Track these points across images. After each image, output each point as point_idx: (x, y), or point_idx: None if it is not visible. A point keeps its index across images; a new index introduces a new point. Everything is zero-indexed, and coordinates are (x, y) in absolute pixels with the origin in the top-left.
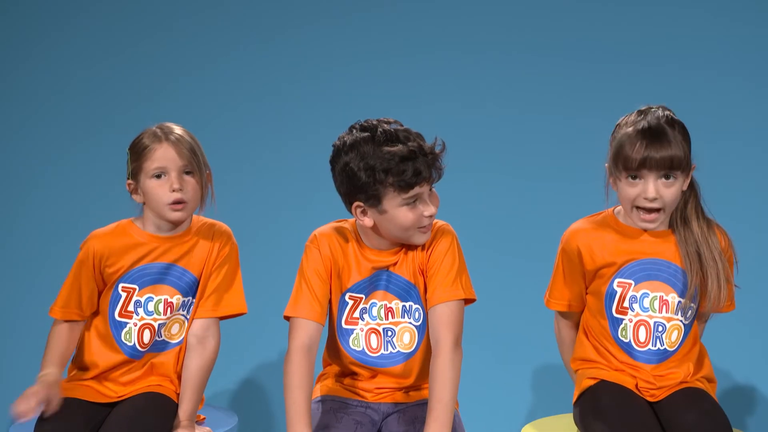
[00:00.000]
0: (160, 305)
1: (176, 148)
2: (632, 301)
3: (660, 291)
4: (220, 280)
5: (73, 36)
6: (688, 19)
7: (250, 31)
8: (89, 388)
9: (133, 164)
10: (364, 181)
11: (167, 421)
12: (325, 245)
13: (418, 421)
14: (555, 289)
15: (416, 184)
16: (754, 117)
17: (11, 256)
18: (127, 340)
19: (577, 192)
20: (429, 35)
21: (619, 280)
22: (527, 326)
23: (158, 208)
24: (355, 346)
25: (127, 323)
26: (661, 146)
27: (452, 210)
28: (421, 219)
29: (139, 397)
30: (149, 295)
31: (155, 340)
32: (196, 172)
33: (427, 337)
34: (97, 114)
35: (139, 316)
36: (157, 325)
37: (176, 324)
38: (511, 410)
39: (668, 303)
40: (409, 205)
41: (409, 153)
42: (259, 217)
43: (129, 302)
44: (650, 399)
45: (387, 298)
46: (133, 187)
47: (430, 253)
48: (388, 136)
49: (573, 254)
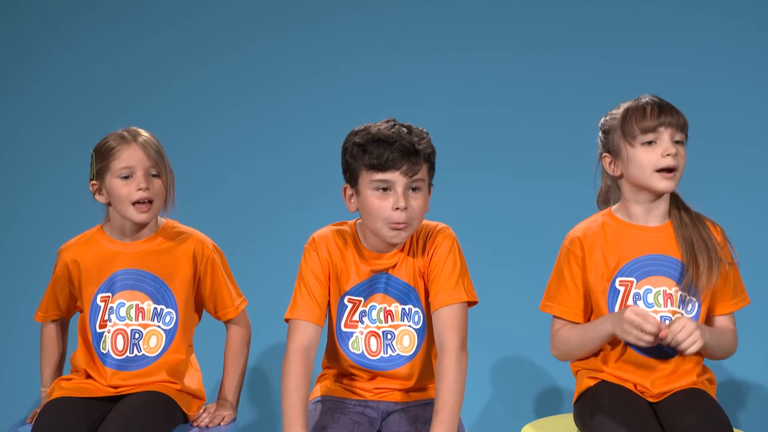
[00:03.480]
0: (131, 310)
1: (144, 150)
2: (636, 299)
3: (662, 285)
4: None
5: (72, 36)
6: (688, 19)
7: (250, 31)
8: (87, 386)
9: (99, 164)
10: (346, 159)
11: (166, 420)
12: (323, 248)
13: (420, 422)
14: (560, 295)
15: (386, 168)
16: (754, 117)
17: (11, 256)
18: (104, 348)
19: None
20: (429, 35)
21: (621, 278)
22: (527, 326)
23: (123, 207)
24: (355, 349)
25: (103, 333)
26: (670, 108)
27: (452, 210)
28: (390, 213)
29: (138, 396)
30: (120, 300)
31: (135, 355)
32: (162, 174)
33: (427, 340)
34: (97, 114)
35: (112, 323)
36: (130, 330)
37: (153, 336)
38: (511, 410)
39: (672, 296)
40: (378, 190)
41: (386, 136)
42: (258, 217)
43: (105, 311)
44: (651, 400)
45: (386, 301)
46: (97, 187)
47: (431, 257)
48: (379, 125)
49: (578, 258)
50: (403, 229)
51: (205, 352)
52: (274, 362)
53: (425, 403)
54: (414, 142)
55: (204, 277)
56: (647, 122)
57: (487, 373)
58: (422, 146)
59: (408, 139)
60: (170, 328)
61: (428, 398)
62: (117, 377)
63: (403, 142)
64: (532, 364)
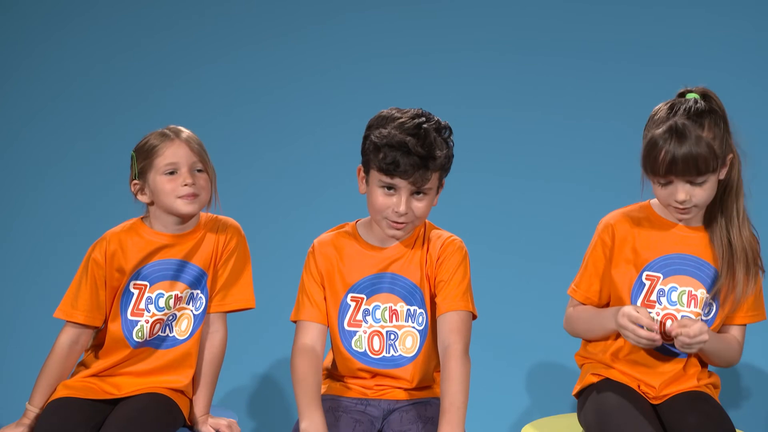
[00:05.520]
0: (171, 301)
1: (188, 145)
2: (660, 295)
3: (689, 286)
4: (228, 275)
5: (73, 36)
6: (689, 18)
7: (251, 31)
8: (91, 386)
9: (142, 163)
10: (365, 148)
11: (167, 422)
12: (320, 254)
13: (422, 420)
14: (583, 280)
15: (395, 175)
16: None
17: (11, 256)
18: (139, 337)
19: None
20: (429, 36)
21: (648, 273)
22: (527, 326)
23: (169, 202)
24: (357, 348)
25: (139, 321)
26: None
27: (452, 210)
28: (391, 212)
29: (139, 398)
30: (160, 291)
31: (165, 336)
32: (206, 170)
33: (428, 342)
34: (98, 114)
35: (150, 313)
36: (167, 319)
37: (185, 320)
38: (511, 410)
39: (696, 298)
40: (384, 189)
41: (400, 144)
42: (262, 217)
43: (141, 300)
44: (653, 401)
45: (392, 300)
46: (140, 187)
47: (441, 263)
48: (404, 121)
49: (608, 243)
50: (401, 228)
51: None
52: (275, 362)
53: (426, 402)
54: (428, 156)
55: (228, 260)
56: (657, 168)
57: (487, 373)
58: (438, 160)
59: (423, 153)
60: (200, 313)
61: (430, 396)
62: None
63: (417, 154)
64: (533, 364)
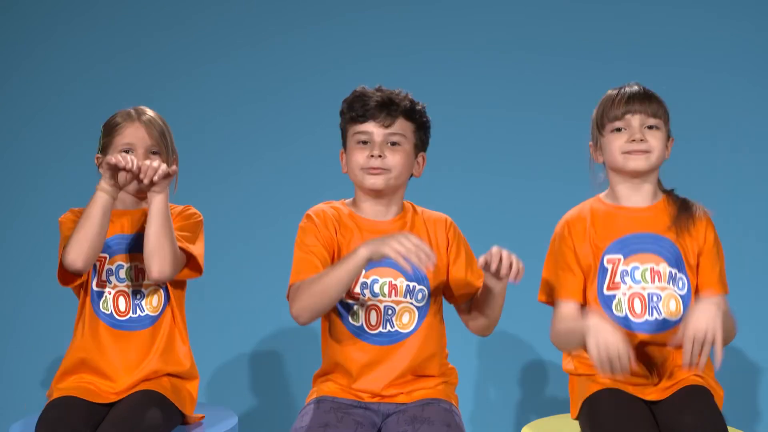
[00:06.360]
0: (131, 272)
1: (146, 128)
2: (623, 275)
3: (650, 262)
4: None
5: (73, 36)
6: (688, 19)
7: (252, 31)
8: (89, 388)
9: (104, 139)
10: (341, 124)
11: (164, 421)
12: (322, 217)
13: (418, 421)
14: (564, 281)
15: (364, 119)
16: (755, 117)
17: (12, 256)
18: (105, 308)
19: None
20: (428, 35)
21: (609, 256)
22: (527, 326)
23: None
24: (354, 321)
25: (103, 292)
26: (642, 95)
27: (452, 210)
28: (367, 160)
29: (135, 396)
30: (119, 262)
31: (138, 315)
32: (162, 154)
33: (426, 322)
34: (98, 114)
35: (112, 284)
36: (131, 292)
37: (155, 297)
38: (511, 410)
39: (660, 273)
40: (360, 144)
41: (367, 92)
42: (262, 217)
43: (102, 271)
44: (653, 397)
45: (392, 275)
46: (101, 161)
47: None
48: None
49: (567, 237)
50: (379, 174)
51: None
52: (275, 362)
53: (424, 404)
54: (392, 96)
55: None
56: (614, 111)
57: (487, 373)
58: (399, 99)
59: (387, 93)
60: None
61: (428, 398)
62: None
63: (381, 95)
64: (533, 363)
